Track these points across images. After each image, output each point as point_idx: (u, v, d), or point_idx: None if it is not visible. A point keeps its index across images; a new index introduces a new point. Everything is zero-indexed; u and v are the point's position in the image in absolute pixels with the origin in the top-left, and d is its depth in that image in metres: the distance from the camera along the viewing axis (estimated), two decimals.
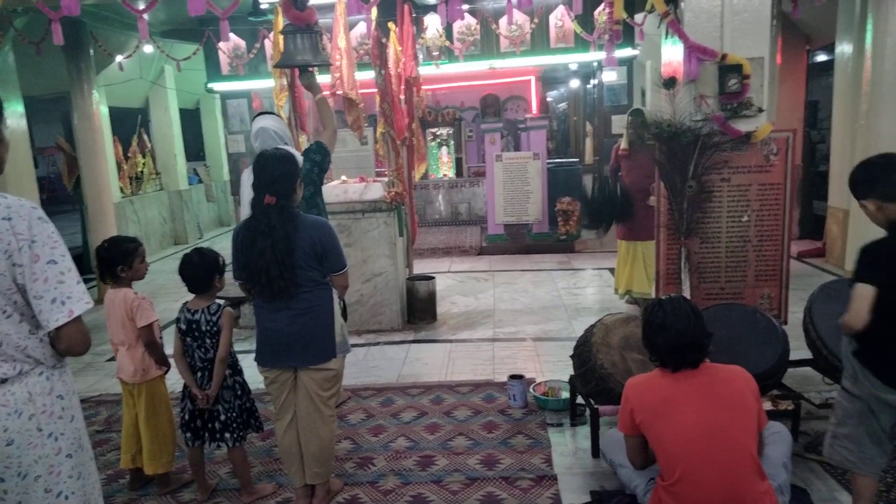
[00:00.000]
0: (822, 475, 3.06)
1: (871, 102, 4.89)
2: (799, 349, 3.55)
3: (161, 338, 3.15)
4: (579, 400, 3.69)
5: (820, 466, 3.11)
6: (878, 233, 2.44)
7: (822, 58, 8.95)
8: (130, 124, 10.89)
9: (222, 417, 2.98)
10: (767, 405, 3.14)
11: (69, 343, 1.66)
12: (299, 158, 3.02)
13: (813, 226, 8.21)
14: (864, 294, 2.36)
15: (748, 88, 3.66)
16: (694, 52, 3.66)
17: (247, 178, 3.30)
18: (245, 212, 3.02)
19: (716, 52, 3.65)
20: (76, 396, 1.81)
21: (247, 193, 2.88)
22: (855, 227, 5.10)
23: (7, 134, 1.76)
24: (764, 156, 3.73)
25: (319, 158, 3.67)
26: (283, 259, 2.65)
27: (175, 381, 3.25)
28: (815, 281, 5.88)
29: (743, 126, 3.68)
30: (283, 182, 2.73)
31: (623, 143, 5.61)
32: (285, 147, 3.18)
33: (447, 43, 8.06)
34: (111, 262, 3.01)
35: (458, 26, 7.99)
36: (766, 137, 3.70)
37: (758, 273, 3.81)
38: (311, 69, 4.03)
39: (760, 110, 3.70)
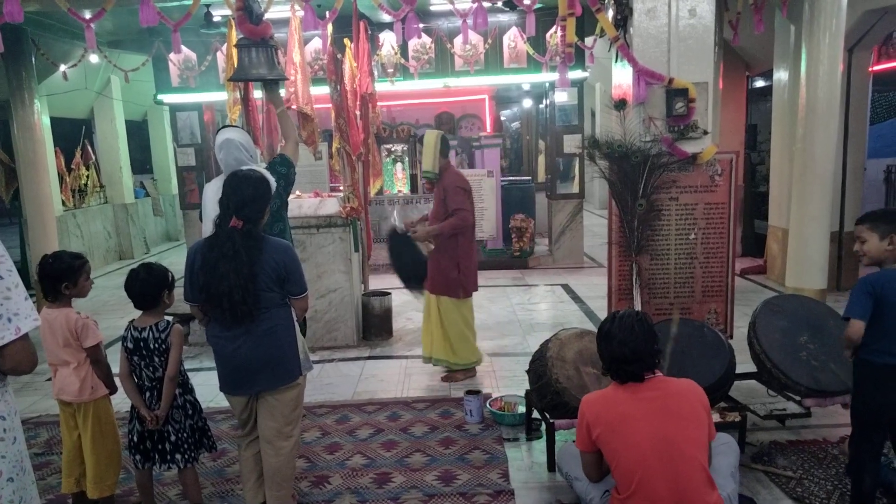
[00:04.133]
0: (768, 485, 3.17)
1: (807, 127, 5.15)
2: (744, 363, 3.69)
3: (105, 356, 3.03)
4: (535, 414, 3.73)
5: (766, 476, 3.23)
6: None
7: (760, 83, 9.39)
8: (74, 135, 10.54)
9: (173, 438, 2.89)
10: (715, 417, 3.24)
11: (15, 362, 1.59)
12: (272, 183, 2.97)
13: (754, 244, 8.55)
14: None
15: (694, 111, 3.82)
16: (643, 75, 3.79)
17: (212, 191, 3.22)
18: (208, 229, 2.94)
19: (663, 76, 3.80)
20: (18, 417, 1.73)
21: (211, 208, 2.80)
22: (794, 245, 5.35)
23: None
24: (709, 176, 3.89)
25: (285, 171, 3.64)
26: (246, 284, 2.59)
27: (121, 401, 3.14)
28: (758, 296, 6.12)
29: (689, 147, 3.83)
30: (253, 206, 2.67)
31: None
32: (253, 167, 3.13)
33: (402, 61, 8.12)
34: (55, 279, 2.88)
35: (413, 44, 8.06)
36: (711, 158, 3.85)
37: (704, 289, 3.95)
38: (274, 83, 4.00)
39: (705, 133, 3.86)
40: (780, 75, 6.89)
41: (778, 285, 6.94)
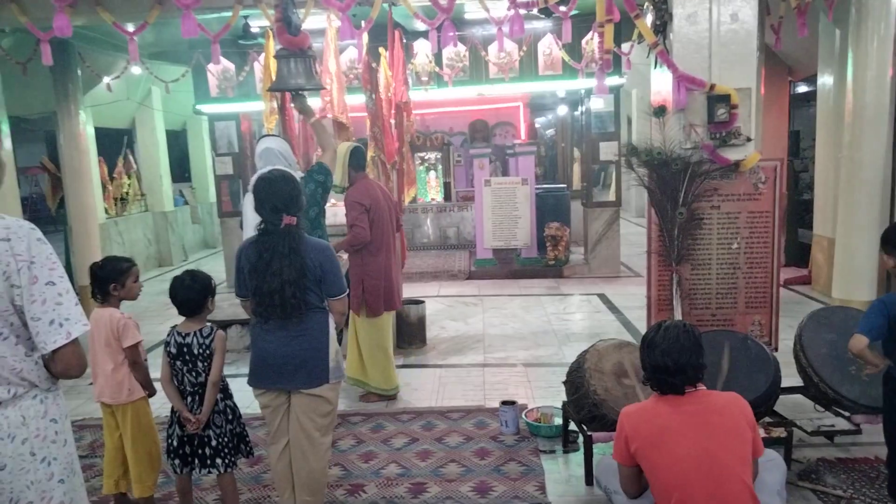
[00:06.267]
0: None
1: (854, 133, 5.01)
2: (789, 376, 3.58)
3: (146, 360, 3.09)
4: (572, 426, 3.68)
5: (814, 495, 3.11)
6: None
7: (803, 89, 9.16)
8: (116, 145, 10.82)
9: (213, 443, 2.92)
10: (760, 432, 3.14)
11: (66, 365, 1.63)
12: (298, 177, 3.02)
13: (797, 253, 8.33)
14: None
15: (736, 118, 3.73)
16: (683, 81, 3.73)
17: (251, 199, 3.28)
18: (249, 233, 2.99)
19: (704, 82, 3.73)
20: (68, 420, 1.77)
21: (252, 216, 2.85)
22: (840, 255, 5.19)
23: (4, 157, 1.73)
24: (753, 184, 3.80)
25: (323, 178, 3.69)
26: (297, 280, 2.64)
27: (160, 405, 3.19)
28: (803, 308, 5.95)
29: (731, 155, 3.75)
30: (298, 202, 2.75)
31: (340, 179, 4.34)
32: (285, 168, 3.18)
33: (437, 69, 8.14)
34: (104, 280, 2.98)
35: (447, 52, 8.08)
36: (755, 166, 3.77)
37: (748, 300, 3.85)
38: (302, 93, 4.05)
39: (748, 139, 3.77)
40: (825, 80, 6.71)
41: (823, 296, 6.74)
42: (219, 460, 2.92)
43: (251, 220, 2.84)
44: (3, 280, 1.55)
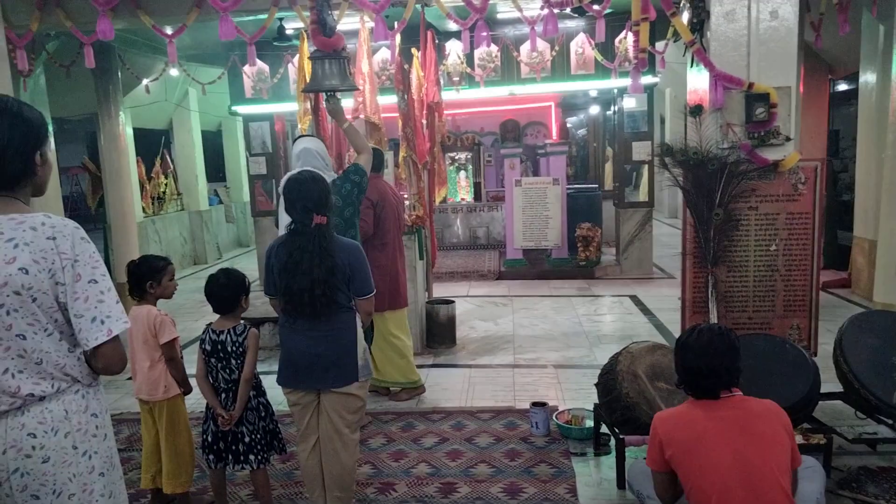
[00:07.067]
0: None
1: None
2: (828, 381, 3.48)
3: (181, 356, 3.15)
4: (603, 429, 3.64)
5: None
6: None
7: (843, 87, 8.92)
8: (154, 145, 11.06)
9: (247, 439, 2.96)
10: (798, 439, 3.07)
11: (107, 361, 1.66)
12: (333, 177, 3.04)
13: (836, 255, 8.11)
14: None
15: (775, 117, 3.65)
16: (720, 80, 3.66)
17: None
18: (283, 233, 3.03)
19: (742, 80, 3.65)
20: (108, 415, 1.81)
21: (286, 215, 2.89)
22: (883, 258, 5.03)
23: (50, 157, 1.78)
24: (792, 185, 3.71)
25: (359, 179, 3.71)
26: (327, 279, 2.67)
27: (195, 402, 3.25)
28: (842, 312, 5.79)
29: (770, 155, 3.67)
30: (327, 201, 2.77)
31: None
32: (323, 168, 3.21)
33: (468, 69, 8.14)
34: (141, 278, 3.05)
35: (479, 53, 8.07)
36: (794, 166, 3.68)
37: (786, 303, 3.76)
38: (335, 95, 4.07)
39: (788, 139, 3.68)
40: (867, 78, 6.52)
41: (864, 300, 6.55)
42: (252, 456, 2.96)
43: (286, 221, 2.88)
44: (49, 277, 1.59)
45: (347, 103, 4.95)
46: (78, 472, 1.66)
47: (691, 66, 3.92)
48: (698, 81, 3.86)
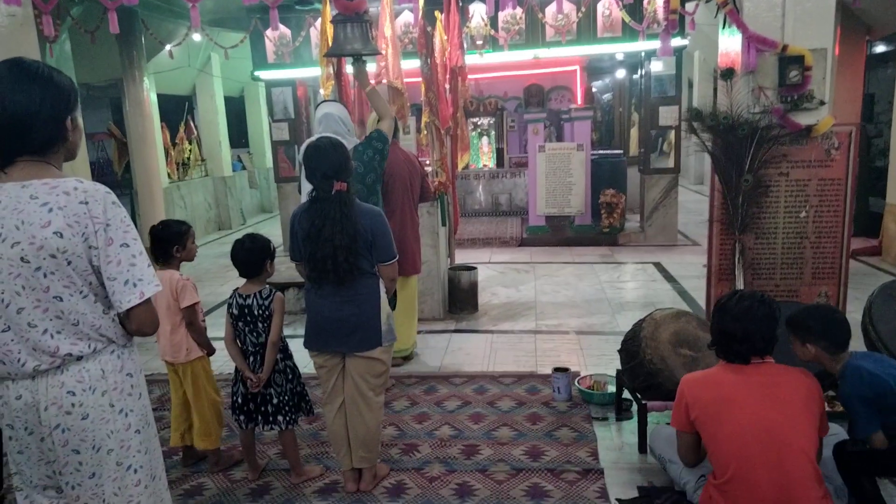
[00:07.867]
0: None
1: None
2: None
3: (203, 321, 3.20)
4: (625, 395, 3.66)
5: None
6: None
7: (881, 49, 8.61)
8: (178, 111, 11.11)
9: (275, 401, 3.03)
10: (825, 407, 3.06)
11: (140, 323, 1.71)
12: (355, 143, 3.04)
13: (867, 223, 7.94)
14: None
15: (809, 80, 3.55)
16: (753, 42, 3.56)
17: None
18: (305, 199, 3.04)
19: (776, 42, 3.55)
20: (142, 375, 1.86)
21: (307, 183, 2.91)
22: None
23: (80, 121, 1.80)
24: (825, 150, 3.62)
25: (381, 146, 3.70)
26: (349, 245, 2.70)
27: (222, 363, 3.32)
28: (872, 280, 5.70)
29: (803, 119, 3.58)
30: (347, 167, 2.78)
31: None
32: (345, 133, 3.20)
33: (492, 32, 7.99)
34: (167, 242, 3.09)
35: (503, 15, 7.91)
36: (828, 131, 3.58)
37: (815, 270, 3.71)
38: (362, 59, 4.04)
39: (822, 103, 3.59)
40: None
41: (894, 268, 6.43)
42: (280, 417, 3.04)
43: (308, 188, 2.90)
44: (83, 241, 1.62)
45: (370, 68, 4.91)
46: (115, 429, 1.72)
47: (723, 27, 3.81)
48: (730, 43, 3.76)
